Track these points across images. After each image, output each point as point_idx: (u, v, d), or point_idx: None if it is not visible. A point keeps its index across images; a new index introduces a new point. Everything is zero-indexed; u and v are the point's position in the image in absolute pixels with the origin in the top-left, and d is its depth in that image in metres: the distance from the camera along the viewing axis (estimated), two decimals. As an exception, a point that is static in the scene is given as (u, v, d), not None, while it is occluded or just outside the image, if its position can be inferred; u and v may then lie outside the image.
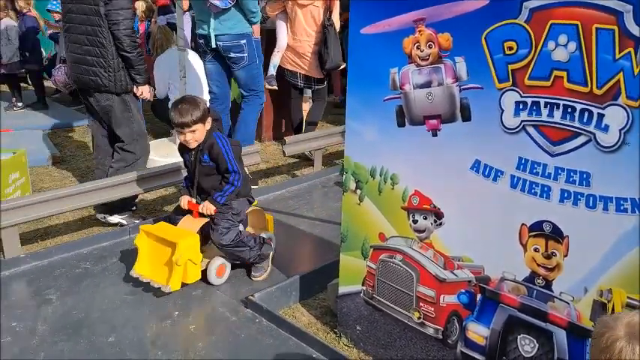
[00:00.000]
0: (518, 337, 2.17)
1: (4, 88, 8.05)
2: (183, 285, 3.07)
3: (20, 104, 7.60)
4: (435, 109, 2.24)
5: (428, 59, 2.21)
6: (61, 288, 3.15)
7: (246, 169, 3.71)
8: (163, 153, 5.09)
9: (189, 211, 3.25)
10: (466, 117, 2.14)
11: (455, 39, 2.11)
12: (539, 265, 2.06)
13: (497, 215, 2.13)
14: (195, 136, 3.08)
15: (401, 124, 2.37)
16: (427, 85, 2.24)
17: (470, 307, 2.32)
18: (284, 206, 4.43)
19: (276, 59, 5.56)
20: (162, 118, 6.60)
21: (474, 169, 2.15)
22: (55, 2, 7.46)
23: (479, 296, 2.28)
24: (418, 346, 2.55)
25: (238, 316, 2.94)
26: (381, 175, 2.51)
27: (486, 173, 2.12)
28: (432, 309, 2.44)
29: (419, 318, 2.50)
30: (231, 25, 4.75)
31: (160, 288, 3.01)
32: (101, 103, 3.93)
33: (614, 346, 1.28)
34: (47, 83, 8.01)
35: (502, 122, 2.04)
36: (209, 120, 3.13)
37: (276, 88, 5.64)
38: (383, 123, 2.43)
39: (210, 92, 5.16)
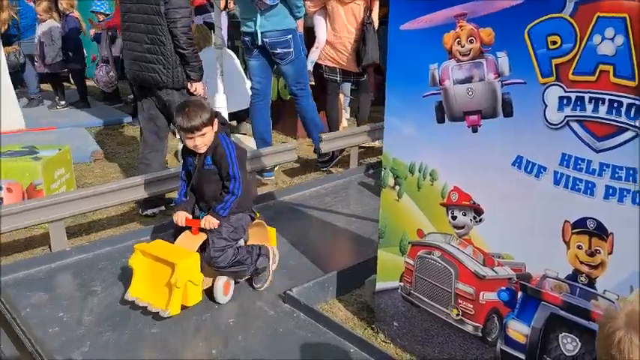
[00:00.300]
0: (560, 335, 2.15)
1: (48, 87, 8.31)
2: (183, 308, 2.85)
3: (63, 102, 7.82)
4: (475, 105, 2.22)
5: (469, 54, 2.20)
6: (105, 280, 3.24)
7: (249, 175, 3.48)
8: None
9: (185, 227, 3.01)
10: (508, 112, 2.13)
11: (497, 34, 2.10)
12: (582, 262, 2.03)
13: (539, 212, 2.11)
14: (205, 139, 2.89)
15: (440, 120, 2.36)
16: (468, 80, 2.23)
17: (510, 305, 2.30)
18: (320, 203, 4.46)
19: (314, 56, 5.59)
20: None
21: (516, 165, 2.13)
22: (99, 3, 7.64)
23: (520, 294, 2.25)
24: (456, 344, 2.54)
25: (276, 311, 2.97)
26: (420, 171, 2.50)
27: (529, 169, 2.10)
28: (471, 306, 2.43)
29: (457, 315, 2.49)
30: (278, 21, 4.80)
31: (157, 313, 2.80)
32: (162, 99, 4.10)
33: (614, 336, 1.27)
34: (89, 83, 8.23)
35: (545, 118, 2.02)
36: (216, 122, 2.94)
37: (313, 83, 5.68)
38: (422, 119, 2.43)
39: (252, 88, 5.22)
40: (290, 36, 4.87)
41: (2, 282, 2.30)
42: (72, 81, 8.47)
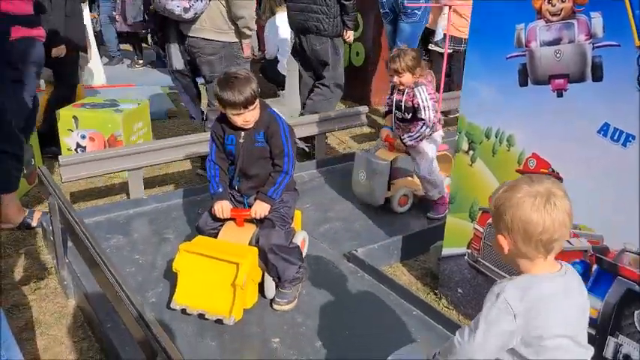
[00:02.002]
0: (636, 312, 2.07)
1: (128, 47, 8.61)
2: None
3: (141, 62, 8.10)
4: (562, 68, 2.13)
5: (559, 14, 2.10)
6: (178, 228, 3.39)
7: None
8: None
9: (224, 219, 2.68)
10: (597, 77, 2.03)
11: (592, -7, 1.99)
12: (667, 237, 1.93)
13: (623, 183, 2.02)
14: (255, 113, 2.57)
15: (523, 84, 2.28)
16: (556, 42, 2.13)
17: (583, 278, 2.22)
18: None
19: (444, 22, 5.57)
20: (270, 79, 6.80)
21: (602, 132, 2.04)
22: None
23: (594, 267, 2.18)
24: (522, 314, 2.49)
25: (341, 269, 3.02)
26: (496, 137, 2.44)
27: (615, 137, 2.01)
28: (541, 277, 2.37)
29: (526, 285, 2.44)
30: None
31: (219, 320, 2.47)
32: (315, 47, 4.76)
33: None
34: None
35: (638, 83, 1.91)
36: None
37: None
38: (503, 82, 2.36)
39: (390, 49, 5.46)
40: (423, 0, 5.27)
41: (86, 223, 2.45)
42: (150, 41, 8.74)
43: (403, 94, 3.53)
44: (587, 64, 2.05)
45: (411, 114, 3.53)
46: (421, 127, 3.49)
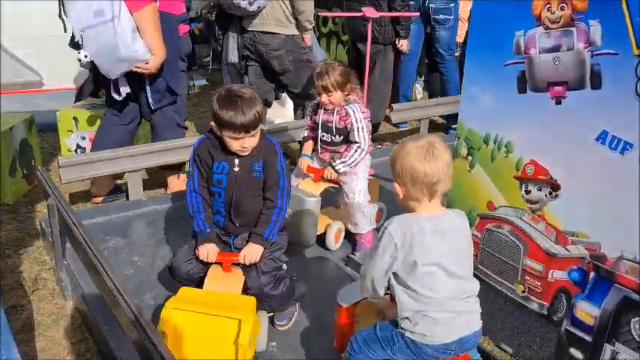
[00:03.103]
0: (633, 319, 2.07)
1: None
2: None
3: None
4: (561, 76, 2.13)
5: (559, 22, 2.10)
6: (177, 230, 3.39)
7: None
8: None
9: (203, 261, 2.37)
10: (596, 85, 2.03)
11: (591, 0, 1.99)
12: (664, 246, 1.94)
13: (621, 190, 2.02)
14: (255, 140, 2.28)
15: (522, 91, 2.29)
16: (555, 49, 2.14)
17: (580, 285, 2.23)
18: (384, 172, 4.44)
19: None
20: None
21: (600, 140, 2.04)
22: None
23: (592, 274, 2.18)
24: (520, 321, 2.49)
25: (339, 272, 3.02)
26: (495, 142, 2.44)
27: (613, 145, 2.01)
28: (539, 284, 2.38)
29: (523, 292, 2.45)
30: None
31: None
32: (371, 50, 4.79)
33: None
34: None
35: (637, 91, 1.91)
36: None
37: None
38: (502, 89, 2.36)
39: (444, 53, 5.61)
40: (453, 4, 5.33)
41: (84, 225, 2.46)
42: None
43: (333, 113, 3.11)
44: (586, 71, 2.05)
45: (342, 137, 3.13)
46: (355, 151, 3.07)
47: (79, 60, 3.43)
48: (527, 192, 2.36)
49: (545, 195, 2.29)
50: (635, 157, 1.95)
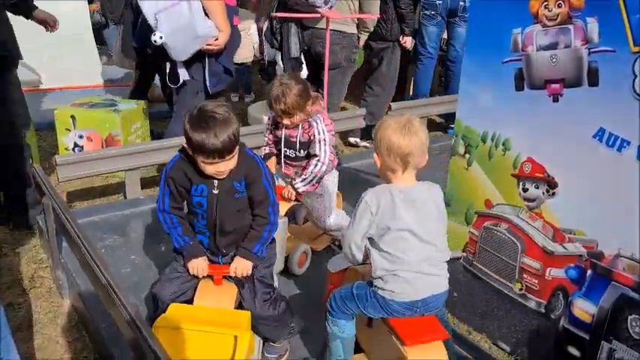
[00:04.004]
0: (630, 317, 2.07)
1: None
2: None
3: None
4: (558, 73, 2.13)
5: (556, 19, 2.10)
6: (174, 229, 3.38)
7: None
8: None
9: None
10: (593, 82, 2.03)
11: (588, -2, 1.99)
12: (661, 243, 1.93)
13: (618, 188, 2.02)
14: (231, 163, 2.05)
15: (519, 88, 2.29)
16: (552, 47, 2.13)
17: (578, 283, 2.23)
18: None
19: None
20: (269, 80, 6.81)
21: (597, 137, 2.04)
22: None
23: (589, 272, 2.18)
24: (517, 318, 2.49)
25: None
26: (492, 140, 2.44)
27: (611, 143, 2.01)
28: (536, 281, 2.38)
29: (520, 289, 2.45)
30: None
31: None
32: (378, 46, 5.09)
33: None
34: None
35: (634, 88, 1.91)
36: None
37: None
38: (500, 86, 2.36)
39: (426, 52, 5.63)
40: None
41: (80, 223, 2.45)
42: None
43: (296, 127, 2.87)
44: (583, 69, 2.05)
45: (305, 151, 2.90)
46: (315, 166, 2.82)
47: (154, 41, 3.41)
48: (525, 190, 2.36)
49: (543, 193, 2.29)
50: (632, 154, 1.96)
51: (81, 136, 4.28)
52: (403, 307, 2.01)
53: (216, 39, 3.57)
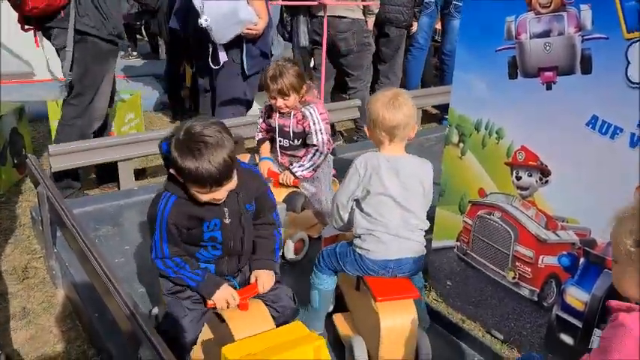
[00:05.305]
0: (622, 304, 2.07)
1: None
2: None
3: (135, 53, 8.06)
4: (552, 61, 2.13)
5: (549, 7, 2.09)
6: (168, 219, 3.37)
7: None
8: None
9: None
10: (586, 69, 2.02)
11: (582, -15, 1.99)
12: (653, 230, 1.94)
13: (611, 175, 2.02)
14: (230, 186, 1.88)
15: (513, 76, 2.28)
16: (546, 34, 2.13)
17: (571, 271, 2.24)
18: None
19: None
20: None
21: (590, 125, 2.04)
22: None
23: (582, 259, 2.19)
24: (510, 307, 2.50)
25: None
26: (486, 129, 2.44)
27: (604, 130, 2.01)
28: (529, 269, 2.38)
29: (513, 278, 2.45)
30: None
31: None
32: (397, 33, 5.21)
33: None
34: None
35: (627, 76, 1.91)
36: None
37: None
38: (493, 75, 2.35)
39: (417, 43, 5.73)
40: None
41: (76, 213, 2.45)
42: (144, 33, 8.69)
43: (289, 117, 2.90)
44: (577, 56, 2.04)
45: (300, 140, 2.94)
46: (314, 155, 2.88)
47: (200, 24, 3.71)
48: (518, 178, 2.36)
49: (536, 181, 2.29)
50: (625, 141, 1.95)
51: (74, 127, 4.25)
52: (377, 266, 2.20)
53: (256, 24, 3.86)
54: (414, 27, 5.39)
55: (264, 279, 2.03)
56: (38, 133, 4.92)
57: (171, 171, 1.85)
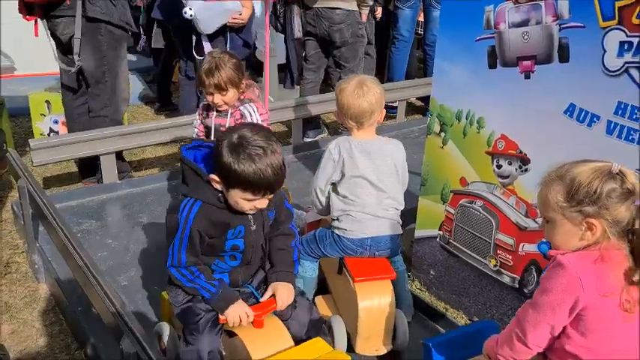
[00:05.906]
0: (600, 289, 2.11)
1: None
2: None
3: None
4: (530, 50, 2.15)
5: (527, -4, 2.11)
6: (152, 213, 3.36)
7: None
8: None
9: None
10: (564, 58, 2.05)
11: (558, -26, 2.00)
12: (630, 216, 1.97)
13: (588, 162, 2.04)
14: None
15: (492, 66, 2.30)
16: (524, 23, 2.15)
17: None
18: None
19: None
20: (249, 66, 6.77)
21: (568, 113, 2.07)
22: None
23: (561, 246, 2.21)
24: (492, 295, 2.53)
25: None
26: (467, 119, 2.46)
27: (581, 118, 2.04)
28: (510, 257, 2.41)
29: (495, 266, 2.48)
30: None
31: None
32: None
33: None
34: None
35: (603, 64, 1.93)
36: None
37: None
38: (473, 64, 2.37)
39: (400, 35, 5.66)
40: None
41: (58, 207, 2.43)
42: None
43: (226, 116, 2.70)
44: (554, 45, 2.07)
45: None
46: None
47: (185, 13, 3.71)
48: (499, 167, 2.38)
49: (516, 169, 2.31)
50: (601, 129, 1.98)
51: (56, 121, 4.23)
52: (355, 244, 2.28)
53: (240, 14, 3.91)
54: (379, 12, 5.42)
55: (283, 293, 1.91)
56: (19, 128, 4.87)
57: (213, 176, 1.78)
